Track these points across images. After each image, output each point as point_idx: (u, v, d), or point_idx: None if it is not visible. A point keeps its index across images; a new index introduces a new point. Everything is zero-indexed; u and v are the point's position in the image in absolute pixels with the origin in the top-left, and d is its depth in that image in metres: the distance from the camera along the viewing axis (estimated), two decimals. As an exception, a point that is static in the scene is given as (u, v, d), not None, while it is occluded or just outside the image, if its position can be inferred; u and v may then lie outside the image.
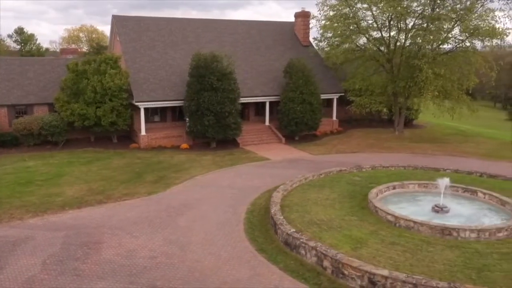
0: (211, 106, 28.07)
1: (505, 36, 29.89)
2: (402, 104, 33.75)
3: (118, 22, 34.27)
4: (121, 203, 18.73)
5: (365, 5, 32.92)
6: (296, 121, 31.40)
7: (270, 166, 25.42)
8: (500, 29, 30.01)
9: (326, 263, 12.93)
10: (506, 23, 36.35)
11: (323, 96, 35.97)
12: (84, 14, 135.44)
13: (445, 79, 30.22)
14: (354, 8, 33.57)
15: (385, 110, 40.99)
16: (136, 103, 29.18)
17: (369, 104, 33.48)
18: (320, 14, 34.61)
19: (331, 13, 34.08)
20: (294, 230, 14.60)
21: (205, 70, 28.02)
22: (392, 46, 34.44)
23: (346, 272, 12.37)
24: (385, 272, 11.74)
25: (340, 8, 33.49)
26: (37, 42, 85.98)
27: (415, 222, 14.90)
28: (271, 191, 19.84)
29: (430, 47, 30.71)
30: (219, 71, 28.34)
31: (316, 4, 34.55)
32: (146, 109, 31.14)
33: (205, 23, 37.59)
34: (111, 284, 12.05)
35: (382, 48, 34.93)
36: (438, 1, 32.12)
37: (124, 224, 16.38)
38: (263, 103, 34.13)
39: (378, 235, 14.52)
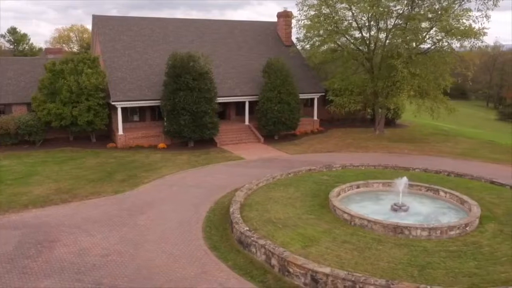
0: (187, 105, 28.17)
1: (480, 36, 29.95)
2: (381, 103, 33.85)
3: (99, 22, 34.36)
4: (86, 202, 18.81)
5: (344, 5, 32.98)
6: (274, 120, 31.52)
7: (243, 166, 25.51)
8: (476, 29, 30.08)
9: (273, 261, 13.04)
10: (483, 23, 36.13)
11: (304, 96, 36.20)
12: (84, 14, 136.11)
13: (421, 79, 30.33)
14: (334, 8, 33.64)
15: (368, 110, 41.18)
16: (113, 103, 29.26)
17: (348, 103, 33.59)
18: (299, 14, 34.76)
19: (311, 12, 34.18)
20: (247, 228, 14.70)
21: (181, 69, 28.13)
22: (372, 46, 34.57)
23: (291, 270, 12.47)
24: (326, 270, 11.84)
25: (319, 8, 33.57)
26: (30, 42, 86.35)
27: (369, 221, 15.01)
28: (238, 190, 19.90)
29: (407, 46, 30.76)
30: (195, 70, 28.44)
31: (296, 4, 34.57)
32: (125, 109, 31.28)
33: (187, 22, 37.69)
34: (57, 282, 12.13)
35: (361, 48, 35.04)
36: (418, 1, 32.31)
37: (84, 222, 16.46)
38: (244, 103, 34.18)
39: (332, 233, 14.62)
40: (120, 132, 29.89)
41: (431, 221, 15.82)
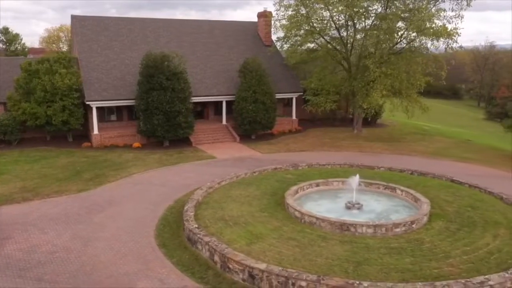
0: (160, 105, 28.37)
1: (453, 37, 30.14)
2: (356, 103, 34.05)
3: (77, 22, 34.55)
4: (47, 200, 19.00)
5: (320, 5, 33.11)
6: (249, 120, 31.70)
7: (213, 165, 25.72)
8: (450, 29, 30.29)
9: (216, 257, 13.25)
10: (457, 23, 36.31)
11: (283, 96, 36.49)
12: (82, 14, 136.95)
13: (394, 78, 30.54)
14: (311, 8, 33.76)
15: (350, 109, 41.35)
16: (87, 102, 29.46)
17: (324, 103, 33.80)
18: (277, 14, 34.97)
19: (289, 13, 34.36)
20: (196, 226, 14.91)
21: (154, 69, 28.33)
22: (349, 46, 34.78)
23: (231, 266, 12.69)
24: (262, 266, 12.06)
25: (296, 9, 33.75)
26: (22, 42, 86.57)
27: (317, 218, 15.24)
28: (198, 188, 20.08)
29: (383, 46, 30.98)
30: (169, 70, 28.65)
31: (274, 4, 34.79)
32: (101, 108, 31.52)
33: (167, 23, 37.88)
34: (-1, 278, 12.35)
35: (339, 48, 35.24)
36: (395, 1, 32.56)
37: (40, 220, 16.66)
38: (223, 103, 34.32)
39: (280, 230, 14.84)
40: (95, 131, 30.07)
41: (382, 219, 16.09)
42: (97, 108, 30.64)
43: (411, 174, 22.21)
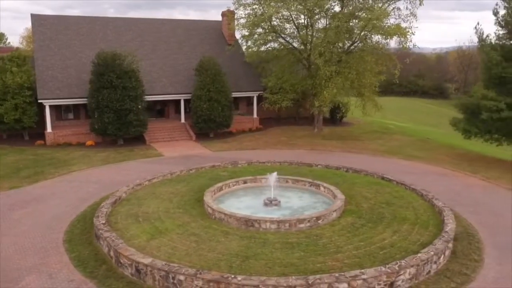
0: (110, 103, 28.51)
1: (407, 35, 30.32)
2: (312, 102, 34.22)
3: (36, 21, 34.65)
4: (-26, 198, 19.15)
5: (278, 4, 33.25)
6: (204, 118, 31.86)
7: (158, 163, 25.86)
8: (404, 28, 30.49)
9: (112, 253, 13.42)
10: (412, 22, 36.65)
11: (243, 94, 36.69)
12: (81, 14, 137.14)
13: (344, 77, 30.73)
14: (272, 8, 33.87)
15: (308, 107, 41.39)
16: (40, 101, 29.59)
17: (281, 100, 33.94)
18: (236, 13, 35.11)
19: (247, 12, 34.54)
20: (102, 222, 15.05)
21: (105, 68, 28.48)
22: (308, 45, 34.92)
23: (122, 261, 12.85)
24: (147, 261, 12.22)
25: (254, 8, 33.90)
26: (8, 41, 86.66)
27: (225, 214, 15.41)
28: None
29: (336, 44, 31.16)
30: (121, 69, 28.78)
31: (233, 3, 34.89)
32: (58, 107, 31.68)
33: (129, 22, 38.03)
34: None
35: (298, 47, 35.40)
36: (354, 0, 32.77)
37: (-42, 217, 16.81)
38: (185, 101, 34.44)
39: (187, 226, 15.00)
40: (49, 129, 30.21)
41: (296, 214, 16.26)
42: (54, 106, 30.83)
43: (346, 171, 22.37)
